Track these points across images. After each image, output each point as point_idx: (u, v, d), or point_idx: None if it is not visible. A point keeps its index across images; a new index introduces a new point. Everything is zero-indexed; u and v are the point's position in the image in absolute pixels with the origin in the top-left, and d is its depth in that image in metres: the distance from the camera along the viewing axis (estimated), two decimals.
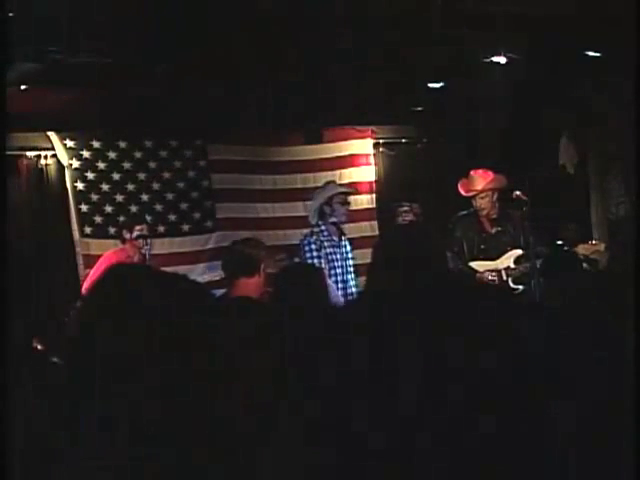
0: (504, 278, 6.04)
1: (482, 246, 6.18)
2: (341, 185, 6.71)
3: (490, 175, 6.20)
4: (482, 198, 6.17)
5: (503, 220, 6.23)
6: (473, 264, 6.15)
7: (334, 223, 5.93)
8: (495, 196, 6.19)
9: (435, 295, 2.05)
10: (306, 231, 6.14)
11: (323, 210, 5.93)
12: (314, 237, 5.86)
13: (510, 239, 6.16)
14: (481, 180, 6.19)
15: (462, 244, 6.20)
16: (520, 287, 5.96)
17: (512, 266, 6.08)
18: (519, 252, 6.07)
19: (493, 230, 6.22)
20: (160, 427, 1.48)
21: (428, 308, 1.99)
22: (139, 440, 1.46)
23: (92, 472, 1.45)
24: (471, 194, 6.20)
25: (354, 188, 7.26)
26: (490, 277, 6.04)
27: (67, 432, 1.49)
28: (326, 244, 5.82)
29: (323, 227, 5.92)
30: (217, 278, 6.53)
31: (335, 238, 5.91)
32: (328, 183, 6.37)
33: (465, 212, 6.34)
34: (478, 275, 6.06)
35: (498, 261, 6.12)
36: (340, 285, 5.77)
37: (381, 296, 2.14)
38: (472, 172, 6.27)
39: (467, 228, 6.22)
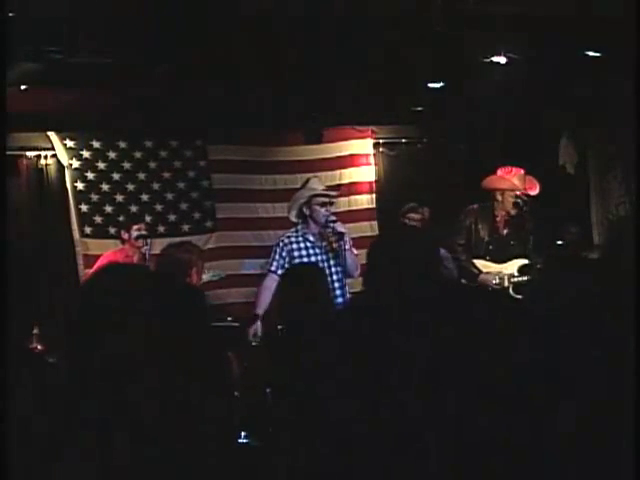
0: (506, 284, 5.87)
1: (491, 246, 6.00)
2: (324, 184, 6.17)
3: (517, 173, 6.06)
4: (510, 196, 5.97)
5: (517, 224, 6.03)
6: (478, 263, 5.98)
7: (314, 225, 5.56)
8: (519, 199, 5.98)
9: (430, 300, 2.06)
10: (283, 232, 5.83)
11: (302, 211, 5.59)
12: (289, 239, 5.53)
13: (519, 244, 5.98)
14: (515, 178, 6.02)
15: (471, 239, 6.03)
16: (520, 297, 5.80)
17: (515, 274, 5.94)
18: (525, 261, 5.92)
19: (505, 232, 6.03)
20: (153, 425, 1.48)
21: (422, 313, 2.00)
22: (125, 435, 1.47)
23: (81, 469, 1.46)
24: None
25: (338, 190, 7.06)
26: (493, 281, 5.89)
27: (59, 429, 1.49)
28: (302, 245, 5.53)
29: (302, 230, 5.59)
30: (216, 279, 6.53)
31: (312, 240, 5.54)
32: (309, 180, 5.90)
33: (480, 206, 6.13)
34: (481, 276, 5.91)
35: (503, 266, 5.95)
36: None
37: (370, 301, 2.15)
38: (517, 169, 6.08)
39: (480, 224, 6.03)
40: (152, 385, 1.49)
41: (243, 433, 3.09)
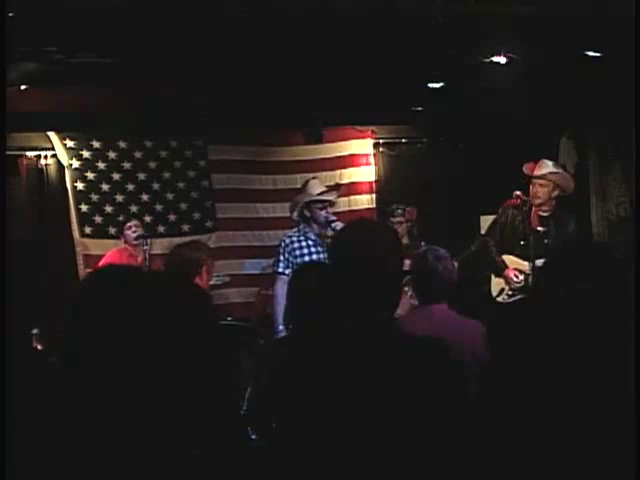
0: (529, 282, 5.78)
1: (522, 242, 5.92)
2: (323, 184, 6.23)
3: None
4: (540, 185, 5.93)
5: (551, 222, 5.93)
6: (506, 257, 5.96)
7: (315, 225, 5.62)
8: (555, 193, 5.94)
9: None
10: (285, 232, 5.88)
11: (303, 213, 5.66)
12: (290, 239, 5.57)
13: (551, 243, 5.85)
14: (548, 167, 5.99)
15: (504, 232, 6.01)
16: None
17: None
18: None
19: (539, 229, 5.90)
20: (159, 425, 1.48)
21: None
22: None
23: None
24: (537, 173, 5.94)
25: (337, 190, 7.07)
26: (515, 278, 5.89)
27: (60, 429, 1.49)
28: (303, 244, 5.56)
29: (303, 229, 5.63)
30: (220, 282, 6.54)
31: (314, 239, 5.58)
32: (308, 183, 5.95)
33: (518, 201, 6.04)
34: (506, 271, 5.90)
35: (529, 263, 5.83)
36: None
37: None
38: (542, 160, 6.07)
39: (515, 218, 5.98)
40: (159, 385, 1.49)
41: (250, 431, 3.09)
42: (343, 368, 1.93)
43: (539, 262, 5.74)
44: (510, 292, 5.93)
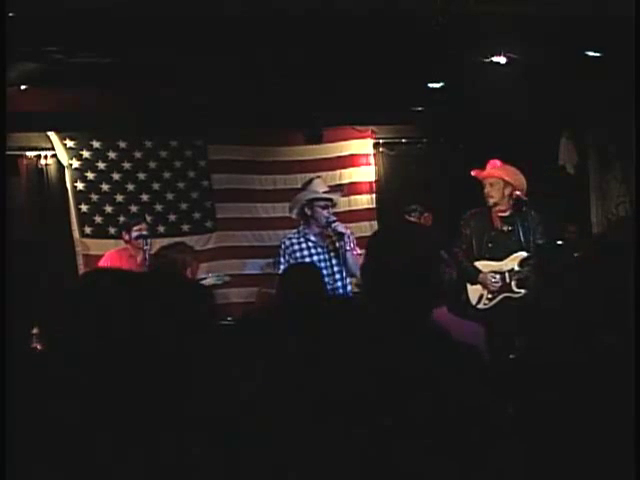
0: (507, 281, 5.84)
1: (490, 244, 5.94)
2: (327, 184, 6.19)
3: (498, 163, 6.08)
4: (491, 185, 5.93)
5: (515, 220, 5.94)
6: (478, 264, 5.95)
7: (315, 225, 5.58)
8: (507, 191, 5.91)
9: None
10: (285, 232, 5.89)
11: (304, 211, 5.62)
12: (290, 241, 5.56)
13: (519, 240, 5.89)
14: (489, 167, 6.06)
15: (471, 241, 6.01)
16: (522, 291, 5.79)
17: (516, 269, 5.91)
18: (525, 254, 5.90)
19: (503, 229, 5.95)
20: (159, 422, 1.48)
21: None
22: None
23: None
24: (479, 176, 5.98)
25: (341, 191, 7.07)
26: (493, 280, 5.92)
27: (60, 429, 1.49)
28: (303, 246, 5.54)
29: (303, 230, 5.62)
30: (220, 282, 6.53)
31: (314, 240, 5.57)
32: (312, 181, 5.89)
33: (477, 209, 6.09)
34: (481, 276, 5.91)
35: (503, 262, 5.89)
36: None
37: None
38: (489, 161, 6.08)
39: (478, 225, 5.99)
40: (164, 378, 1.50)
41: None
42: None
43: (508, 260, 5.87)
44: (490, 296, 5.95)
